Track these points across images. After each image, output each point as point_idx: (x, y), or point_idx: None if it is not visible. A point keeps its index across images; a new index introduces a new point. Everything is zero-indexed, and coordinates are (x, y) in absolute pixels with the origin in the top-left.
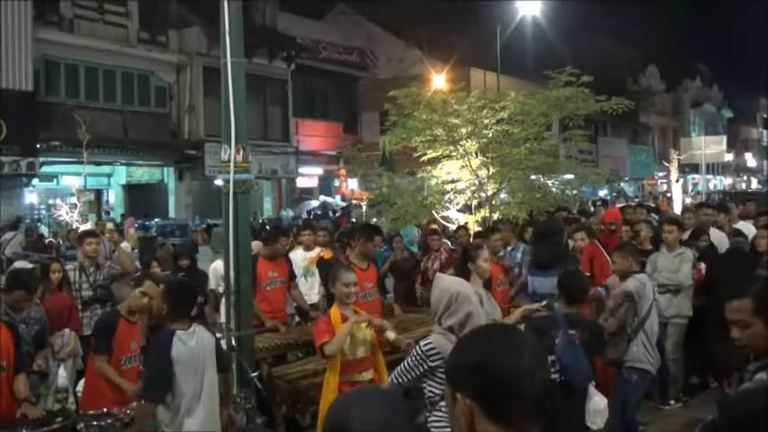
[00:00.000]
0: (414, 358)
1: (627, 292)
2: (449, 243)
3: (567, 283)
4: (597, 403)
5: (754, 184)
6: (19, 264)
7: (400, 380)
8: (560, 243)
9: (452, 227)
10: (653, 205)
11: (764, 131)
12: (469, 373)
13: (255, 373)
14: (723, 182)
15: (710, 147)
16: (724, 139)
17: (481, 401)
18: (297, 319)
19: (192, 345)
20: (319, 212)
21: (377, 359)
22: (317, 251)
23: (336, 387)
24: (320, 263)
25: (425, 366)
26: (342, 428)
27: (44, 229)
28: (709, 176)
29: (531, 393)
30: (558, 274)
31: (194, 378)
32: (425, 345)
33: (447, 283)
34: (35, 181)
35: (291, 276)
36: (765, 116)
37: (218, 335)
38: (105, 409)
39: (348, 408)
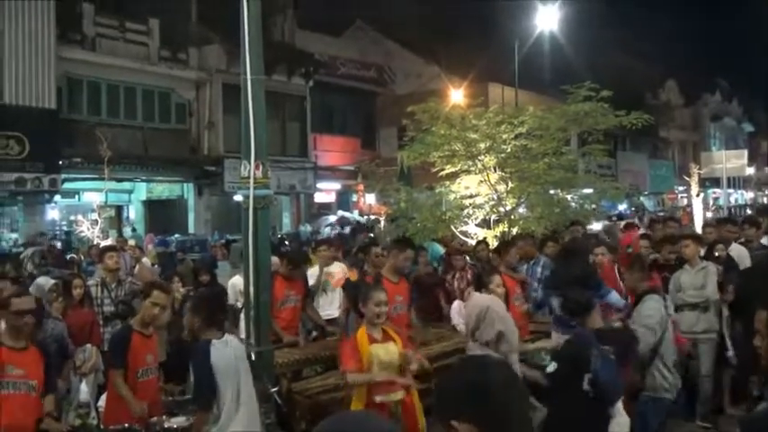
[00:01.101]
0: None
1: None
2: (468, 258)
3: (572, 300)
4: (621, 421)
5: None
6: (41, 279)
7: None
8: (587, 262)
9: (471, 242)
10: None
11: None
12: (465, 397)
13: (275, 389)
14: (744, 196)
15: (731, 161)
16: (745, 153)
17: (480, 421)
18: (314, 334)
19: (228, 352)
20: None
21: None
22: (335, 267)
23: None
24: (347, 283)
25: None
26: None
27: (59, 245)
28: (731, 191)
29: (517, 406)
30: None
31: (233, 384)
32: None
33: (478, 300)
34: (57, 197)
35: (307, 294)
36: None
37: None
38: (126, 425)
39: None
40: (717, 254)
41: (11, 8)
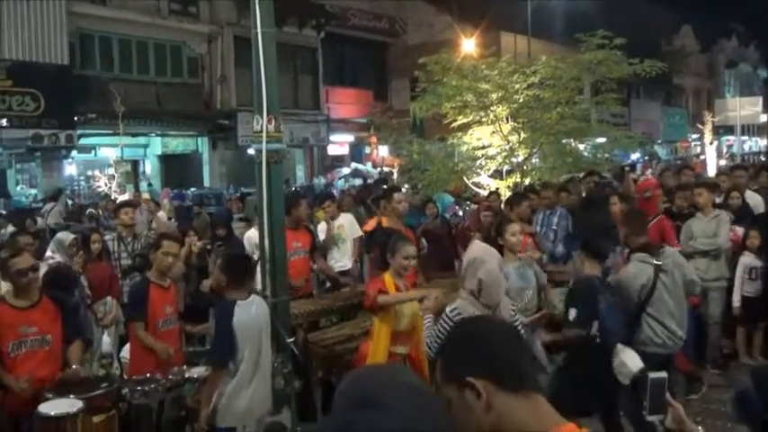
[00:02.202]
0: (443, 324)
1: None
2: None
3: (591, 243)
4: (625, 359)
5: None
6: (61, 234)
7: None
8: (608, 213)
9: (483, 193)
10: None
11: None
12: (473, 350)
13: (291, 339)
14: (759, 143)
15: (746, 108)
16: (760, 100)
17: (492, 373)
18: (328, 284)
19: (253, 313)
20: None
21: (416, 334)
22: (342, 219)
23: (384, 357)
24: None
25: None
26: (368, 409)
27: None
28: (745, 138)
29: (523, 354)
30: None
31: (253, 346)
32: (451, 310)
33: (474, 248)
34: (74, 153)
35: (314, 246)
36: None
37: None
38: (149, 374)
39: (379, 395)
40: (730, 201)
41: None
